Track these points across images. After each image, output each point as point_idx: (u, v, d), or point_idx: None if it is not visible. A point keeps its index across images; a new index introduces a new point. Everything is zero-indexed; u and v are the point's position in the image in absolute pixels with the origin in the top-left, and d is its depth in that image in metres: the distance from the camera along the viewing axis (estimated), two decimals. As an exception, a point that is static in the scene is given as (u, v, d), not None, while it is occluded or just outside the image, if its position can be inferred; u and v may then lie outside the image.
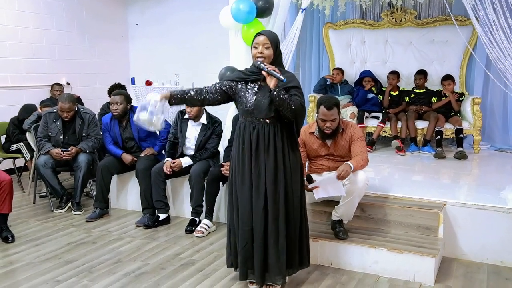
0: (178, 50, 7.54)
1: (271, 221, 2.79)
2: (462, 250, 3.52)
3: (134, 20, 8.07)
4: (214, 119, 4.40)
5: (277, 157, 2.78)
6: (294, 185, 2.85)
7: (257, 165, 2.79)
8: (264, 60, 2.73)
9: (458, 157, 5.28)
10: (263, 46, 2.74)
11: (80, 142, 4.77)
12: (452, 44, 6.20)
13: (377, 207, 3.64)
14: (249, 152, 2.80)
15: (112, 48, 7.84)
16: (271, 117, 2.76)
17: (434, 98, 5.96)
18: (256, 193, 2.79)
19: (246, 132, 2.82)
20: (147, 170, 4.36)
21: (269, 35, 2.78)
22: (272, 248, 2.81)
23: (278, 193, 2.79)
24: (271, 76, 2.66)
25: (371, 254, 3.28)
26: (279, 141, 2.78)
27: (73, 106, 4.73)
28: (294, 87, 2.75)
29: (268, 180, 2.77)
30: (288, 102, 2.65)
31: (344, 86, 6.41)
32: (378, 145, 6.06)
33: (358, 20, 6.73)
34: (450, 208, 3.55)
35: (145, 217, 4.35)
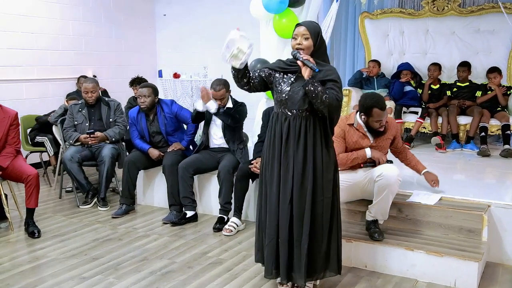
0: (206, 42, 7.58)
1: (296, 218, 2.78)
2: (508, 255, 3.43)
3: (162, 11, 8.15)
4: (238, 102, 4.43)
5: (307, 152, 2.76)
6: (326, 183, 2.81)
7: (286, 158, 2.79)
8: (304, 52, 2.73)
9: (505, 155, 5.14)
10: (302, 37, 2.74)
11: (106, 129, 4.89)
12: (499, 33, 6.02)
13: (415, 207, 3.58)
14: (279, 144, 2.81)
15: (139, 40, 7.95)
16: (304, 109, 2.75)
17: (478, 92, 5.81)
18: (283, 187, 2.79)
19: (277, 123, 2.82)
20: (174, 166, 4.40)
21: (309, 26, 2.77)
22: (296, 247, 2.80)
23: (304, 189, 2.76)
24: (306, 66, 2.66)
25: (409, 257, 3.23)
26: (310, 135, 2.77)
27: (96, 87, 4.91)
28: (331, 80, 2.73)
29: (295, 174, 2.76)
30: (322, 95, 2.63)
31: (381, 79, 6.32)
32: (417, 142, 5.95)
33: (397, 9, 6.61)
34: (495, 209, 3.46)
35: (172, 214, 4.40)
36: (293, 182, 2.77)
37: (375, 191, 3.32)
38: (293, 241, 2.80)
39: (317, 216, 2.80)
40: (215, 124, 4.45)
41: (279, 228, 2.81)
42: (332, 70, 2.77)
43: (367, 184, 3.45)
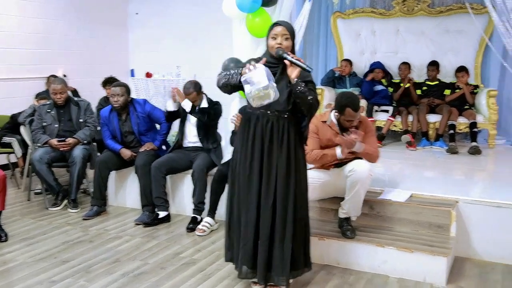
0: (179, 41, 7.53)
1: (279, 219, 2.79)
2: (475, 250, 3.51)
3: (134, 9, 8.06)
4: (213, 101, 4.43)
5: (290, 153, 2.79)
6: (303, 182, 2.87)
7: (269, 160, 2.78)
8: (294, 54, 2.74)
9: (472, 152, 5.26)
10: (282, 37, 2.74)
11: (76, 130, 4.80)
12: (467, 33, 6.15)
13: (386, 204, 3.63)
14: (261, 145, 2.79)
15: (111, 38, 7.84)
16: (288, 110, 2.76)
17: (447, 90, 5.93)
18: (266, 188, 2.79)
19: (258, 125, 2.80)
20: (147, 166, 4.36)
21: (287, 26, 2.78)
22: (278, 247, 2.81)
23: (289, 191, 2.79)
24: (293, 66, 2.65)
25: (380, 254, 3.27)
26: (292, 135, 2.80)
27: (65, 88, 4.82)
28: (310, 81, 2.76)
29: (279, 177, 2.77)
30: (308, 95, 2.66)
31: (353, 78, 6.39)
32: (388, 140, 6.04)
33: (368, 8, 6.70)
34: (463, 205, 3.53)
35: (144, 214, 4.36)
36: (276, 183, 2.78)
37: (347, 186, 3.35)
38: (274, 243, 2.81)
39: (298, 216, 2.83)
40: (190, 122, 4.43)
41: (261, 230, 2.81)
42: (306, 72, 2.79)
43: (339, 181, 3.48)
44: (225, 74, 2.80)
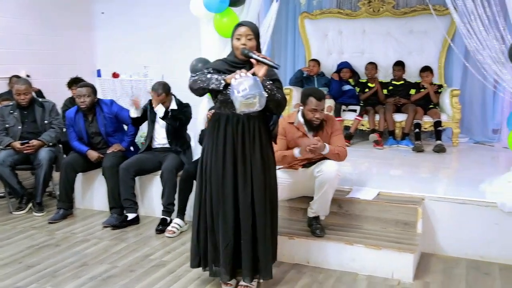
0: (147, 41, 7.44)
1: (259, 218, 2.81)
2: (440, 246, 3.59)
3: (100, 8, 7.92)
4: (182, 103, 4.41)
5: (263, 152, 2.80)
6: (273, 179, 2.91)
7: (243, 160, 2.79)
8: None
9: (437, 150, 5.39)
10: (246, 37, 2.75)
11: (41, 132, 4.69)
12: (430, 34, 6.29)
13: (354, 203, 3.67)
14: (233, 146, 2.79)
15: (75, 38, 7.68)
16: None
17: (412, 90, 6.05)
18: (243, 189, 2.79)
19: (228, 125, 2.80)
20: (115, 167, 4.30)
21: (251, 26, 2.80)
22: (262, 244, 2.83)
23: (265, 189, 2.81)
24: (260, 65, 2.66)
25: (349, 251, 3.31)
26: (263, 134, 2.81)
27: (29, 88, 4.70)
28: (276, 80, 2.79)
29: (255, 176, 2.78)
30: (275, 93, 2.67)
31: (321, 78, 6.45)
32: (356, 139, 6.12)
33: (335, 9, 6.77)
34: (428, 202, 3.61)
35: (112, 217, 4.30)
36: (252, 183, 2.78)
37: (315, 186, 3.38)
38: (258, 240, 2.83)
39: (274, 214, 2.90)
40: (159, 124, 4.39)
41: (242, 230, 2.81)
42: (273, 70, 2.80)
43: (307, 181, 3.51)
44: (203, 78, 2.74)
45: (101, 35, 7.96)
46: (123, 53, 7.59)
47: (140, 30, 7.47)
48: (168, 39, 7.23)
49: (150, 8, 7.43)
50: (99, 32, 7.98)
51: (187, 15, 4.74)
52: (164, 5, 7.28)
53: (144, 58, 7.18)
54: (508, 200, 3.38)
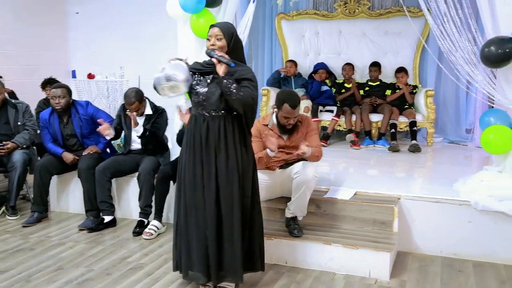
0: (123, 41, 7.36)
1: (225, 218, 2.79)
2: (416, 244, 3.65)
3: (74, 8, 7.80)
4: (157, 107, 4.38)
5: (229, 153, 2.78)
6: (246, 182, 2.86)
7: (208, 160, 2.78)
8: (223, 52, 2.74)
9: (412, 150, 5.46)
10: (215, 38, 2.75)
11: (14, 134, 4.60)
12: (405, 35, 6.38)
13: (332, 203, 3.70)
14: (200, 146, 2.80)
15: (49, 38, 7.55)
16: (221, 109, 2.76)
17: (388, 90, 6.13)
18: (208, 189, 2.79)
19: (196, 125, 2.82)
20: (91, 169, 4.25)
21: (223, 27, 2.79)
22: (228, 249, 2.81)
23: (230, 187, 2.79)
24: (221, 64, 2.68)
25: (327, 251, 3.34)
26: (230, 135, 2.79)
27: (2, 89, 4.62)
28: (247, 79, 2.76)
29: (219, 174, 2.77)
30: (237, 92, 2.66)
31: (298, 79, 6.47)
32: (333, 139, 6.17)
33: (311, 10, 6.81)
34: (404, 202, 3.66)
35: (88, 219, 4.25)
36: (217, 183, 2.77)
37: (293, 188, 3.40)
38: (223, 245, 2.81)
39: (244, 216, 2.84)
40: (134, 130, 4.35)
41: (207, 233, 2.80)
42: (247, 69, 2.81)
43: (285, 182, 3.52)
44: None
45: (76, 35, 7.84)
46: (99, 53, 7.50)
47: (116, 30, 7.39)
48: (145, 40, 7.18)
49: (126, 8, 7.35)
50: (73, 32, 7.86)
51: (163, 15, 4.71)
52: (140, 5, 7.21)
53: (120, 58, 7.10)
54: (481, 198, 3.46)
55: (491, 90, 3.73)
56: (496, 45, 3.47)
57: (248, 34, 4.93)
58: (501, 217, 3.43)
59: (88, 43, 7.66)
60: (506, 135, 3.57)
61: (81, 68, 7.33)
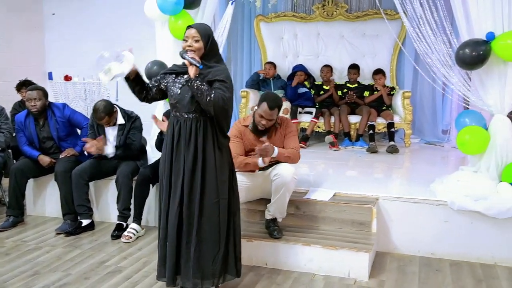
0: (100, 42, 7.25)
1: (185, 220, 2.77)
2: (395, 244, 3.69)
3: (50, 9, 7.70)
4: (130, 115, 4.33)
5: (197, 153, 2.76)
6: (220, 184, 2.80)
7: (177, 161, 2.78)
8: (194, 53, 2.72)
9: (390, 151, 5.53)
10: (192, 39, 2.74)
11: None
12: (382, 38, 6.46)
13: (311, 204, 3.72)
14: (171, 148, 2.80)
15: (25, 40, 7.43)
16: (193, 111, 2.75)
17: (366, 92, 6.19)
18: (174, 190, 2.78)
19: (170, 128, 2.83)
20: (68, 173, 4.20)
21: (199, 28, 2.78)
22: (184, 251, 2.77)
23: (194, 191, 2.76)
24: (192, 65, 2.67)
25: (306, 252, 3.35)
26: (200, 137, 2.77)
27: None
28: (219, 80, 2.72)
29: (185, 177, 2.76)
30: (208, 93, 2.64)
31: (277, 81, 6.50)
32: (312, 141, 6.20)
33: (290, 12, 6.84)
34: (382, 202, 3.70)
35: (66, 223, 4.19)
36: (183, 185, 2.76)
37: (272, 190, 3.40)
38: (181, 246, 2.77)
39: (213, 218, 2.78)
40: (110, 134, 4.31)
41: (168, 229, 2.78)
42: (221, 70, 2.76)
43: (265, 184, 3.53)
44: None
45: (52, 36, 7.74)
46: (76, 55, 7.41)
47: (93, 32, 7.31)
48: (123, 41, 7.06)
49: (104, 9, 7.29)
50: (50, 33, 7.76)
51: (141, 16, 4.68)
52: (118, 6, 7.16)
53: (98, 60, 7.02)
54: (457, 198, 3.51)
55: (466, 91, 3.79)
56: (470, 48, 3.53)
57: (227, 36, 4.94)
58: (477, 216, 3.49)
59: (65, 44, 7.57)
60: (481, 136, 3.63)
61: (57, 70, 7.24)
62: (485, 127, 3.70)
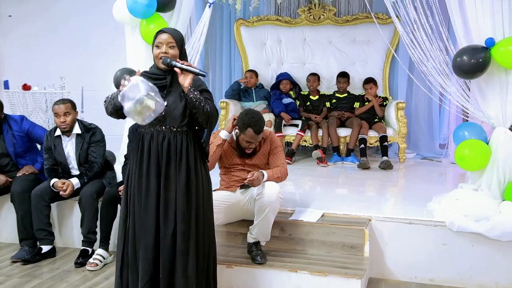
0: (64, 48, 7.26)
1: (180, 249, 2.74)
2: (389, 269, 3.70)
3: (7, 11, 7.65)
4: (88, 126, 4.30)
5: (190, 172, 2.76)
6: (206, 204, 2.84)
7: (167, 182, 2.75)
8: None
9: (383, 167, 5.58)
10: (167, 45, 2.73)
11: None
12: (374, 44, 6.56)
13: (298, 226, 3.73)
14: (157, 167, 2.75)
15: (-22, 44, 7.38)
16: (184, 124, 2.74)
17: (356, 103, 6.26)
18: (164, 215, 2.74)
19: (153, 144, 2.76)
20: (26, 193, 4.14)
21: (173, 33, 2.78)
22: (180, 280, 2.76)
23: (190, 216, 2.75)
24: (185, 74, 2.66)
25: (293, 279, 3.35)
26: (191, 152, 2.78)
27: None
28: (205, 90, 2.78)
29: (179, 199, 2.74)
30: (204, 104, 2.67)
31: (260, 91, 6.54)
32: (298, 156, 6.23)
33: (273, 16, 6.91)
34: (375, 223, 3.72)
35: (23, 250, 4.12)
36: (176, 209, 2.73)
37: (255, 210, 3.41)
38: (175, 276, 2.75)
39: (200, 242, 2.79)
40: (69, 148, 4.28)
41: (161, 263, 2.74)
42: (200, 79, 2.81)
43: (247, 204, 3.54)
44: (109, 99, 2.77)
45: (8, 41, 7.67)
46: (36, 62, 7.36)
47: (55, 36, 7.29)
48: (89, 47, 7.10)
49: (68, 11, 7.27)
50: (6, 37, 7.69)
51: (110, 20, 4.68)
52: (84, 8, 7.15)
53: (61, 67, 6.98)
54: (457, 218, 3.54)
55: (465, 102, 3.85)
56: (468, 55, 3.58)
57: (204, 42, 4.95)
58: (478, 238, 3.53)
59: (24, 49, 7.51)
60: (481, 151, 3.67)
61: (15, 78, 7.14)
62: (485, 140, 3.75)
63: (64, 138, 4.22)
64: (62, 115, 4.14)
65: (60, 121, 4.15)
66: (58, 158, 4.23)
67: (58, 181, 4.09)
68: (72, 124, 4.19)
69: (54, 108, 4.18)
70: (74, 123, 4.22)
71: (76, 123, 4.24)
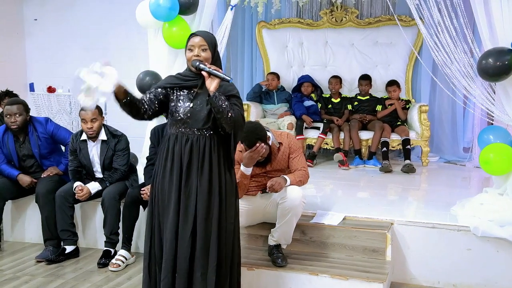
0: (87, 51, 7.33)
1: (200, 250, 2.75)
2: (411, 274, 3.67)
3: (32, 15, 7.78)
4: (114, 133, 4.34)
5: (212, 176, 2.77)
6: (229, 209, 2.84)
7: (187, 184, 2.76)
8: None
9: (406, 170, 5.53)
10: (199, 48, 2.75)
11: None
12: (396, 46, 6.51)
13: (319, 229, 3.72)
14: (179, 169, 2.77)
15: (5, 47, 7.50)
16: (208, 127, 2.76)
17: (379, 106, 6.22)
18: (184, 216, 2.76)
19: (176, 146, 2.78)
20: (51, 194, 4.20)
21: (206, 36, 2.80)
22: (199, 282, 2.77)
23: (210, 218, 2.76)
24: (212, 78, 2.67)
25: (314, 282, 3.34)
26: (215, 156, 2.78)
27: None
28: (234, 96, 2.78)
29: (199, 202, 2.75)
30: (228, 109, 2.67)
31: (281, 93, 6.54)
32: (320, 159, 6.22)
33: (295, 19, 6.90)
34: (398, 227, 3.70)
35: (47, 250, 4.18)
36: (196, 211, 2.75)
37: (278, 214, 3.41)
38: (193, 276, 2.77)
39: (222, 246, 2.80)
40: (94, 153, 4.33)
41: (177, 262, 2.76)
42: (232, 85, 2.81)
43: (269, 207, 3.53)
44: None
45: (34, 44, 7.80)
46: (60, 64, 7.46)
47: (79, 39, 7.38)
48: (112, 50, 7.17)
49: (91, 15, 7.36)
50: (32, 41, 7.82)
51: (133, 23, 4.73)
52: (107, 12, 7.23)
53: (84, 70, 7.08)
54: (481, 223, 3.50)
55: (490, 105, 3.81)
56: (494, 57, 3.55)
57: (226, 44, 4.98)
58: (503, 244, 3.48)
59: (49, 53, 7.62)
60: (506, 154, 3.63)
61: (40, 80, 7.29)
62: (511, 144, 3.70)
63: (89, 143, 4.28)
64: (89, 121, 4.19)
65: (87, 127, 4.20)
66: (83, 161, 4.29)
67: (78, 185, 4.15)
68: (98, 130, 4.24)
69: (81, 113, 4.23)
70: (100, 129, 4.27)
71: (102, 128, 4.30)
